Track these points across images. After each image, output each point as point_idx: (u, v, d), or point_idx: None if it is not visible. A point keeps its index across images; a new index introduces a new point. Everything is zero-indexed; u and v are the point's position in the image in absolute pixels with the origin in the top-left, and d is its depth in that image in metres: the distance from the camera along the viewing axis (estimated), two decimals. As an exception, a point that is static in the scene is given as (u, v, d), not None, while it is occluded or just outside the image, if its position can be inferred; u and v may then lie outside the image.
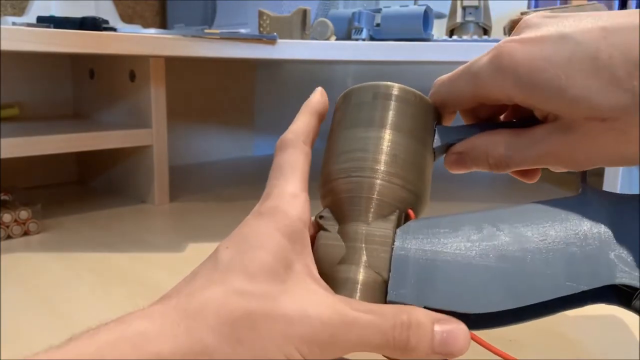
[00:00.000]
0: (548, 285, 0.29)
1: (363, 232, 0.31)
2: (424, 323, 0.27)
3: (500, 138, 0.33)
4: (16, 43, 0.79)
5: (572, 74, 0.28)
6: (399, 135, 0.33)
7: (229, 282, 0.26)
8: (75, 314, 0.56)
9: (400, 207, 0.32)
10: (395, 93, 0.34)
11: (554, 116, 0.30)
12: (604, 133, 0.28)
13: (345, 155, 0.33)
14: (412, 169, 0.33)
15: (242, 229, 0.30)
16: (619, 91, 0.27)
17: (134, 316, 0.26)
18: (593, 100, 0.28)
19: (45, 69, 1.18)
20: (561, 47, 0.29)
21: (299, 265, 0.29)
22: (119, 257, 0.74)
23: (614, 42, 0.27)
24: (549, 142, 0.31)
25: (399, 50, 0.98)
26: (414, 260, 0.30)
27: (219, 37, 0.92)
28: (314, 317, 0.26)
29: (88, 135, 0.93)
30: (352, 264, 0.30)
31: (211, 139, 1.49)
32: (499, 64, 0.30)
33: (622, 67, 0.27)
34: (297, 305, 0.26)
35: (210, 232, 0.86)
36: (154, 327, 0.25)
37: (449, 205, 0.94)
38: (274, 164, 0.33)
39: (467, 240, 0.31)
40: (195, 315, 0.25)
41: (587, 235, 0.30)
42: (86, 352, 0.24)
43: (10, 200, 0.84)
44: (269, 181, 0.32)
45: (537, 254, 0.30)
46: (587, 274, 0.29)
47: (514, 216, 0.32)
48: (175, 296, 0.27)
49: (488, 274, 0.29)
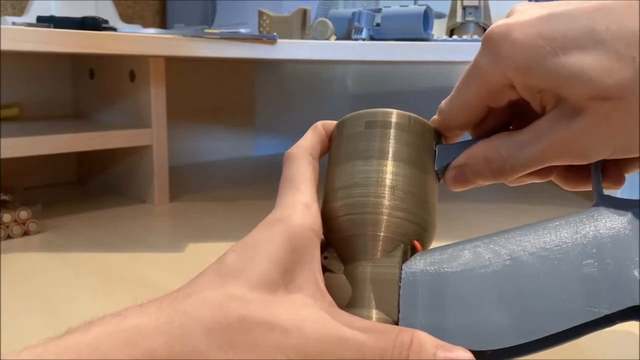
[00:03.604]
0: (566, 312, 0.26)
1: (369, 272, 0.30)
2: (426, 346, 0.26)
3: (500, 141, 0.31)
4: (16, 43, 0.79)
5: (569, 50, 0.27)
6: (398, 165, 0.32)
7: (229, 286, 0.26)
8: (75, 314, 0.56)
9: (405, 240, 0.31)
10: (390, 120, 0.33)
11: (555, 101, 0.29)
12: (611, 114, 0.27)
13: (345, 190, 0.32)
14: (414, 199, 0.32)
15: (253, 236, 0.29)
16: (619, 64, 0.26)
17: (131, 310, 0.26)
18: (592, 75, 0.26)
19: (45, 69, 1.18)
20: (555, 23, 0.28)
21: (305, 278, 0.28)
22: (119, 257, 0.74)
23: (609, 15, 0.26)
24: (555, 131, 0.29)
25: (399, 50, 0.98)
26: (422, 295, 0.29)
27: (219, 37, 0.92)
28: (310, 331, 0.26)
29: (88, 135, 0.93)
30: (361, 307, 0.30)
31: (211, 139, 1.49)
32: (495, 48, 0.29)
33: (620, 38, 0.26)
34: (294, 317, 0.26)
35: (210, 232, 0.86)
36: (149, 322, 0.25)
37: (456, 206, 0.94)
38: (284, 176, 0.32)
39: (477, 267, 0.29)
40: (191, 314, 0.25)
41: (605, 250, 0.27)
42: (81, 342, 0.24)
43: (10, 200, 0.84)
44: (280, 192, 0.32)
45: (551, 277, 0.28)
46: (608, 296, 0.26)
47: (524, 237, 0.29)
48: (174, 294, 0.27)
49: (501, 301, 0.28)
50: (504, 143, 0.31)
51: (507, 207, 1.03)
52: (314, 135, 0.35)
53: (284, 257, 0.28)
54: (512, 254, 0.29)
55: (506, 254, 0.29)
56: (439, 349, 0.26)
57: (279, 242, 0.28)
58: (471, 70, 0.32)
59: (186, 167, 1.39)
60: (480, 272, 0.29)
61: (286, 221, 0.29)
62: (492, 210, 1.01)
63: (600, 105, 0.27)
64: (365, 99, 1.68)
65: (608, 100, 0.26)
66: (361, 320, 0.28)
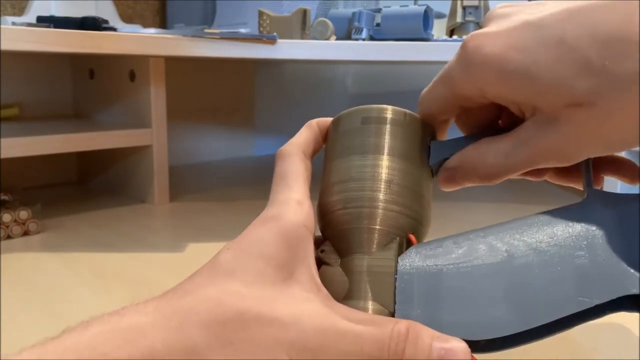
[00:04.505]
0: (559, 302, 0.27)
1: (365, 265, 0.31)
2: (422, 337, 0.27)
3: (486, 148, 0.32)
4: (16, 43, 0.79)
5: (541, 60, 0.27)
6: (394, 160, 0.32)
7: (226, 284, 0.27)
8: (75, 314, 0.56)
9: (401, 233, 0.31)
10: (385, 116, 0.34)
11: (531, 110, 0.29)
12: (586, 120, 0.27)
13: (341, 185, 0.32)
14: (409, 193, 0.32)
15: (246, 234, 0.30)
16: (590, 73, 0.26)
17: (128, 309, 0.26)
18: (565, 84, 0.27)
19: (45, 69, 1.18)
20: (527, 34, 0.28)
21: (300, 273, 0.29)
22: (119, 257, 0.74)
23: (580, 22, 0.27)
24: (534, 140, 0.29)
25: (399, 50, 0.98)
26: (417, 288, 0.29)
27: (219, 37, 0.93)
28: (307, 324, 0.26)
29: (88, 135, 0.93)
30: (358, 299, 0.30)
31: (211, 139, 1.49)
32: (467, 60, 0.30)
33: (590, 47, 0.26)
34: (291, 311, 0.26)
35: (210, 232, 0.86)
36: (147, 321, 0.25)
37: (452, 205, 0.94)
38: (276, 174, 0.33)
39: (472, 259, 0.30)
40: (189, 311, 0.25)
41: (595, 243, 0.28)
42: (79, 342, 0.24)
43: (10, 200, 0.84)
44: (273, 189, 0.32)
45: (544, 269, 0.28)
46: (599, 286, 0.27)
47: (518, 230, 0.30)
48: (171, 293, 0.27)
49: (495, 293, 0.28)
50: (491, 150, 0.32)
51: (504, 205, 1.03)
52: (308, 132, 0.35)
53: (278, 254, 0.28)
54: (506, 246, 0.30)
55: (500, 246, 0.30)
56: (434, 339, 0.27)
57: (272, 240, 0.28)
58: (444, 75, 0.32)
59: (186, 167, 1.39)
60: (474, 264, 0.29)
61: (279, 218, 0.29)
62: (489, 208, 1.01)
63: (573, 112, 0.27)
64: (365, 99, 1.67)
65: (581, 107, 0.27)
66: (358, 312, 0.28)
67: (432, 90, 0.34)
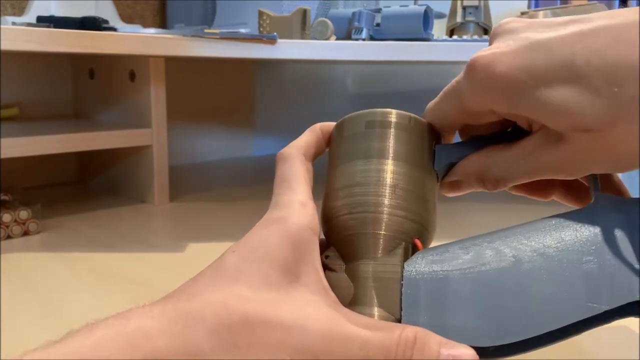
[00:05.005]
0: (567, 308, 0.27)
1: (370, 270, 0.30)
2: (429, 344, 0.26)
3: (491, 158, 0.32)
4: (16, 43, 0.79)
5: (551, 84, 0.27)
6: (398, 164, 0.32)
7: (231, 287, 0.26)
8: (75, 314, 0.56)
9: (406, 239, 0.31)
10: (390, 120, 0.33)
11: (539, 125, 0.29)
12: (593, 144, 0.27)
13: (346, 190, 0.32)
14: (414, 198, 0.32)
15: (251, 236, 0.29)
16: (599, 100, 0.26)
17: (134, 312, 0.26)
18: (574, 111, 0.27)
19: (45, 69, 1.18)
20: (536, 55, 0.28)
21: (306, 276, 0.28)
22: (119, 257, 0.74)
23: (591, 46, 0.26)
24: (539, 154, 0.30)
25: (399, 50, 0.98)
26: (424, 294, 0.29)
27: (219, 37, 0.93)
28: (312, 329, 0.26)
29: (88, 135, 0.93)
30: (363, 305, 0.30)
31: (211, 139, 1.49)
32: (476, 79, 0.29)
33: (600, 73, 0.26)
34: (297, 315, 0.26)
35: (210, 232, 0.86)
36: (152, 325, 0.25)
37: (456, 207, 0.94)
38: (277, 176, 0.32)
39: (479, 265, 0.29)
40: (194, 315, 0.25)
41: (603, 248, 0.28)
42: (84, 346, 0.24)
43: (10, 200, 0.84)
44: (275, 191, 0.32)
45: (552, 274, 0.28)
46: (608, 292, 0.27)
47: (525, 235, 0.30)
48: (177, 296, 0.27)
49: (502, 299, 0.28)
50: (495, 161, 0.32)
51: (507, 207, 1.03)
52: (310, 135, 0.35)
53: (284, 257, 0.28)
54: (513, 251, 0.29)
55: (507, 252, 0.29)
56: (442, 346, 0.26)
57: (277, 242, 0.28)
58: (452, 90, 0.32)
59: (186, 167, 1.39)
60: (481, 269, 0.29)
61: (284, 221, 0.29)
62: (492, 210, 1.01)
63: (581, 136, 0.27)
64: (365, 99, 1.68)
65: (589, 132, 0.27)
66: (364, 317, 0.28)
67: (439, 104, 0.33)
